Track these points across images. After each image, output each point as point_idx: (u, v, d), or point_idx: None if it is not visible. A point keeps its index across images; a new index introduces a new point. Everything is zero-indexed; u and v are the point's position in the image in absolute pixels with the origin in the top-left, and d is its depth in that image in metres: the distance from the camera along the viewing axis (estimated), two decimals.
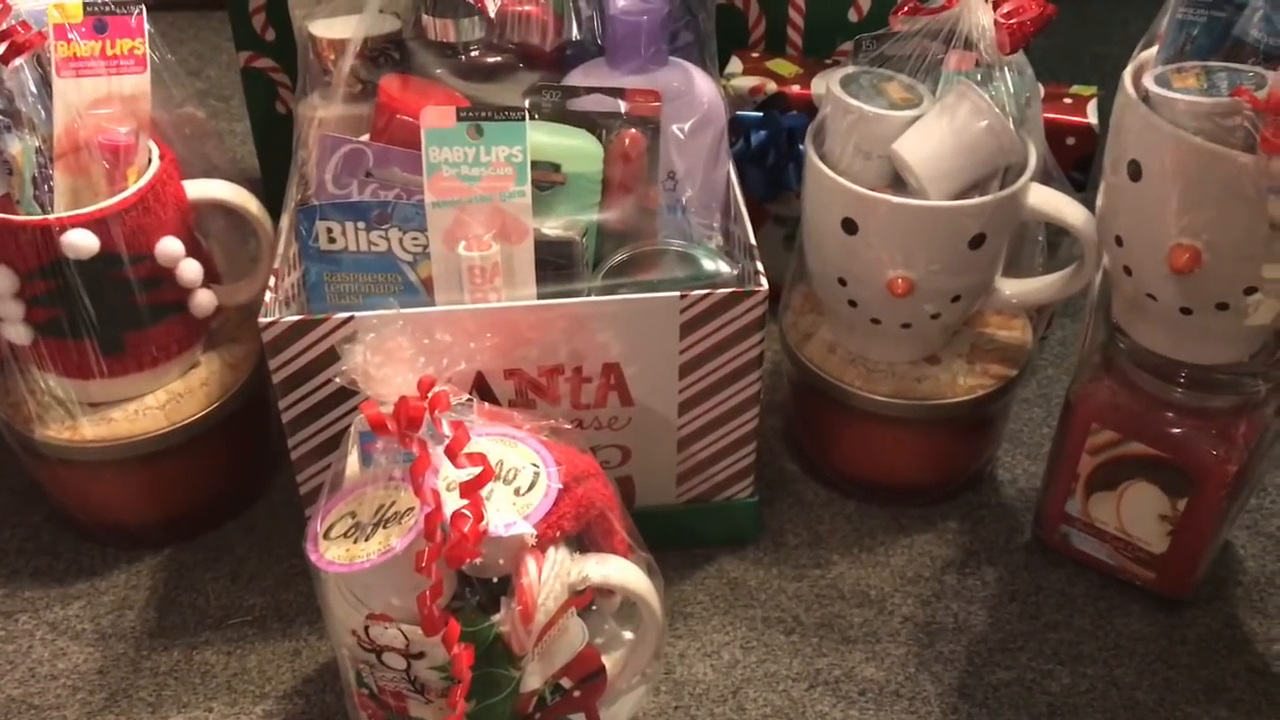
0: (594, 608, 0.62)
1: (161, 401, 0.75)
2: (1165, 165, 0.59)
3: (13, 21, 0.65)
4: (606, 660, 0.63)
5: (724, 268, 0.70)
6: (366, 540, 0.56)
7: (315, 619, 0.75)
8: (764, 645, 0.73)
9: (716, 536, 0.79)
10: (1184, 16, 0.61)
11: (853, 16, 0.96)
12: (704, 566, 0.78)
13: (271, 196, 0.78)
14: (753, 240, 0.72)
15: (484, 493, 0.55)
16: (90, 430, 0.73)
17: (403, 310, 0.63)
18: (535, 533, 0.56)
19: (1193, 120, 0.58)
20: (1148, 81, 0.60)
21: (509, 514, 0.56)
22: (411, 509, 0.56)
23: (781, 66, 0.94)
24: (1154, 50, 0.63)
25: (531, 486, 0.58)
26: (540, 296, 0.68)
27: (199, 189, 0.74)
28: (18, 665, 0.72)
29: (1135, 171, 0.61)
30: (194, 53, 1.39)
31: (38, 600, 0.76)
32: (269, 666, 0.72)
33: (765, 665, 0.72)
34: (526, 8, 0.72)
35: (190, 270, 0.72)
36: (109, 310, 0.70)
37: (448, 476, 0.56)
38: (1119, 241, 0.65)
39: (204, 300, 0.74)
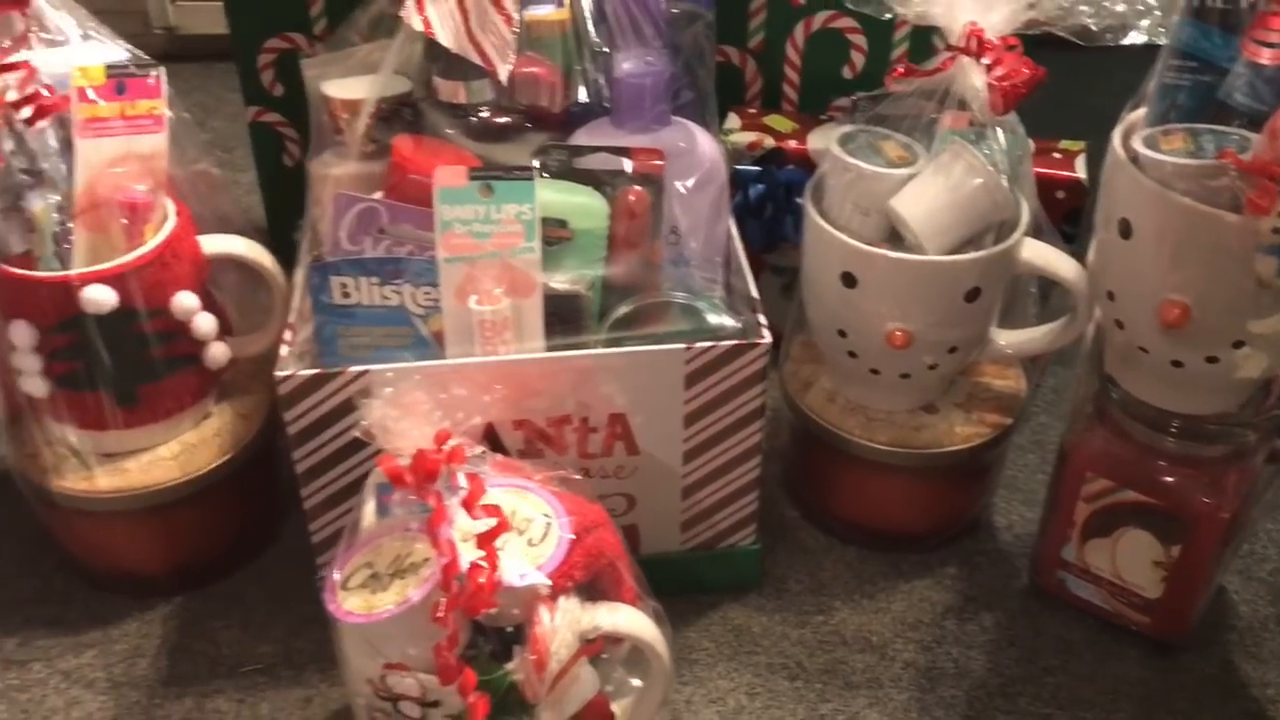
0: (605, 656, 0.63)
1: (175, 452, 0.76)
2: (1154, 224, 0.62)
3: (37, 85, 0.67)
4: (616, 708, 0.64)
5: (728, 321, 0.72)
6: (384, 590, 0.57)
7: (325, 667, 0.76)
8: (769, 691, 0.75)
9: (719, 583, 0.80)
10: (1170, 80, 0.63)
11: (847, 74, 0.99)
12: (708, 613, 0.80)
13: (278, 248, 0.80)
14: (755, 293, 0.74)
15: (498, 543, 0.57)
16: (105, 481, 0.74)
17: (420, 364, 0.65)
18: (549, 582, 0.57)
19: (1180, 181, 0.60)
20: (1136, 143, 0.62)
21: (523, 564, 0.58)
22: (428, 559, 0.57)
23: (778, 122, 0.96)
24: (1142, 111, 0.66)
25: (544, 537, 0.60)
26: (547, 349, 0.70)
27: (214, 244, 0.75)
28: (32, 714, 0.73)
29: (1125, 229, 0.63)
30: (198, 104, 1.41)
31: (51, 649, 0.77)
32: (280, 714, 0.73)
33: (770, 711, 0.73)
34: (533, 70, 0.75)
35: (205, 324, 0.74)
36: (125, 363, 0.72)
37: (462, 527, 0.58)
38: (1110, 296, 0.67)
39: (218, 353, 0.76)
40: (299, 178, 1.04)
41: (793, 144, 0.93)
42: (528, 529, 0.60)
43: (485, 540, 0.56)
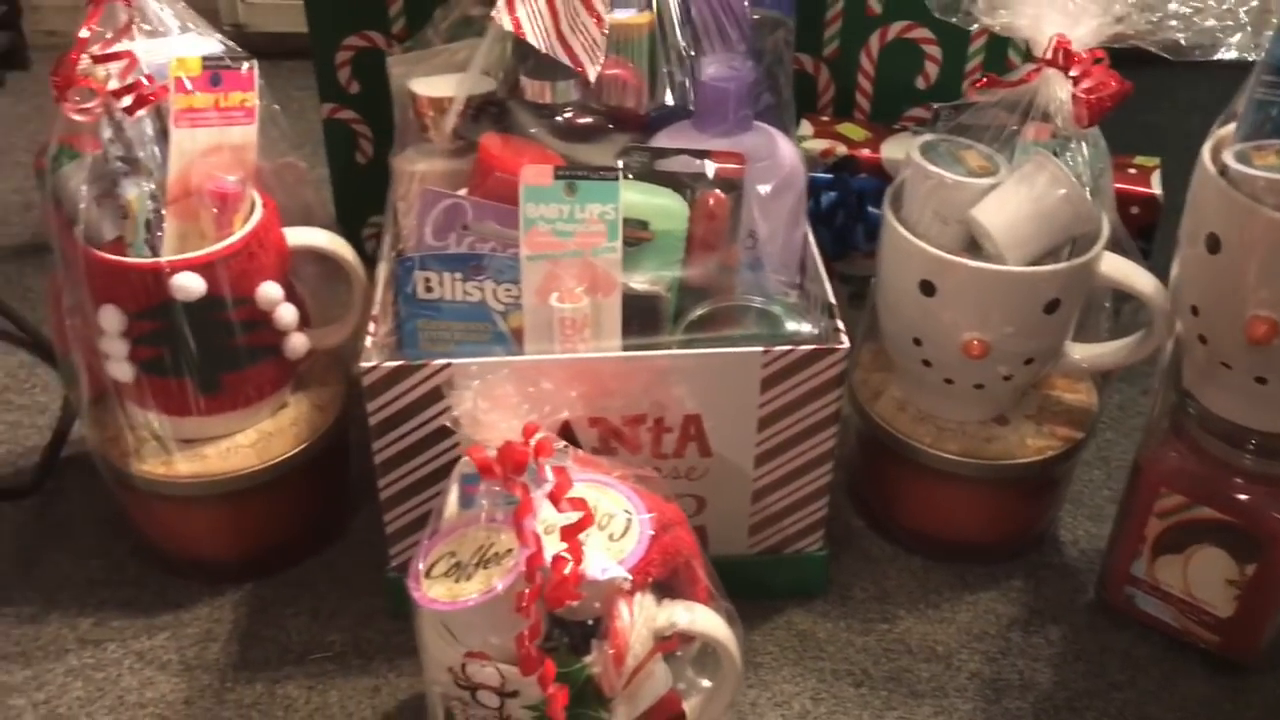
0: (679, 654, 0.64)
1: (252, 440, 0.77)
2: (1244, 239, 0.62)
3: (138, 75, 0.68)
4: (684, 706, 0.65)
5: (805, 326, 0.72)
6: (467, 580, 0.58)
7: (394, 657, 0.76)
8: (833, 697, 0.75)
9: (785, 588, 0.81)
10: (1262, 96, 0.63)
11: (920, 84, 0.99)
12: (772, 618, 0.80)
13: (349, 243, 0.81)
14: (832, 299, 0.74)
15: (580, 537, 0.58)
16: (184, 466, 0.76)
17: (502, 360, 0.65)
18: (630, 577, 0.58)
19: (1272, 196, 0.60)
20: (1228, 158, 0.62)
21: (604, 558, 0.58)
22: (511, 550, 0.58)
23: (851, 130, 0.97)
24: (1231, 127, 0.65)
25: (624, 532, 0.60)
26: (623, 348, 0.70)
27: (298, 236, 0.77)
28: (107, 693, 0.74)
29: (1213, 244, 0.63)
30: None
31: (125, 630, 0.78)
32: (350, 702, 0.74)
33: (835, 717, 0.74)
34: (618, 71, 0.75)
35: (287, 314, 0.75)
36: (210, 350, 0.73)
37: (545, 520, 0.58)
38: (1194, 311, 0.67)
39: (298, 343, 0.77)
40: (371, 175, 1.06)
41: (865, 152, 0.94)
42: (608, 524, 0.60)
43: (570, 533, 0.57)
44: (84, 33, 0.67)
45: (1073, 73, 0.69)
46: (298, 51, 1.24)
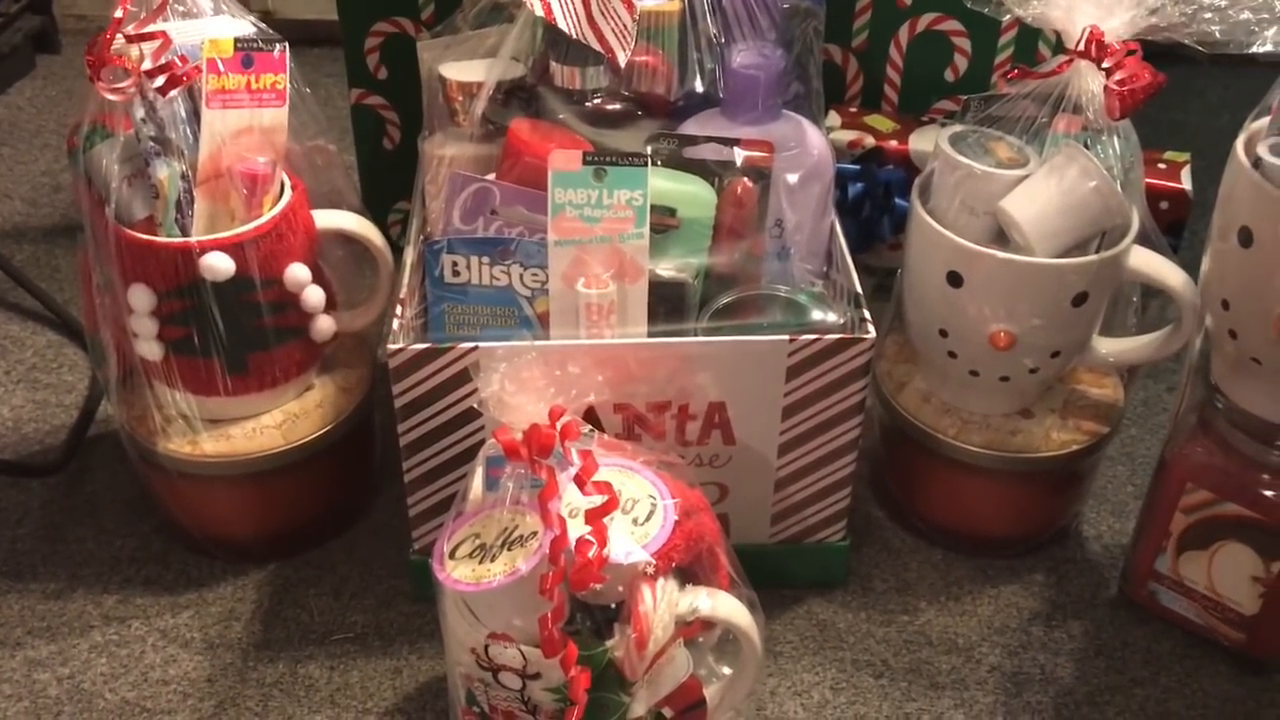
0: (701, 640, 0.64)
1: (278, 421, 0.78)
2: (1277, 232, 0.61)
3: (171, 55, 0.69)
4: (705, 693, 0.65)
5: (831, 315, 0.72)
6: (492, 561, 0.58)
7: (415, 639, 0.77)
8: (853, 687, 0.75)
9: (806, 578, 0.81)
10: None
11: (949, 76, 0.99)
12: (793, 607, 0.80)
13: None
14: (859, 289, 0.74)
15: (605, 521, 0.58)
16: (210, 446, 0.76)
17: (527, 344, 0.65)
18: (654, 562, 0.58)
19: None
20: (1262, 151, 0.62)
21: (628, 543, 0.58)
22: (535, 533, 0.58)
23: (879, 122, 0.96)
24: (1265, 120, 0.65)
25: (649, 517, 0.60)
26: (649, 335, 0.70)
27: (326, 219, 0.77)
28: (131, 669, 0.75)
29: (1246, 238, 0.63)
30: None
31: (149, 608, 0.79)
32: (371, 683, 0.74)
33: (855, 707, 0.73)
34: (645, 58, 0.75)
35: (314, 296, 0.75)
36: (237, 331, 0.73)
37: (570, 503, 0.59)
38: (1225, 305, 0.67)
39: (324, 326, 0.77)
40: (398, 160, 1.07)
41: (893, 144, 0.93)
42: (633, 509, 0.60)
43: (595, 516, 0.57)
44: (118, 12, 0.68)
45: (1105, 64, 0.69)
46: (324, 39, 1.25)
